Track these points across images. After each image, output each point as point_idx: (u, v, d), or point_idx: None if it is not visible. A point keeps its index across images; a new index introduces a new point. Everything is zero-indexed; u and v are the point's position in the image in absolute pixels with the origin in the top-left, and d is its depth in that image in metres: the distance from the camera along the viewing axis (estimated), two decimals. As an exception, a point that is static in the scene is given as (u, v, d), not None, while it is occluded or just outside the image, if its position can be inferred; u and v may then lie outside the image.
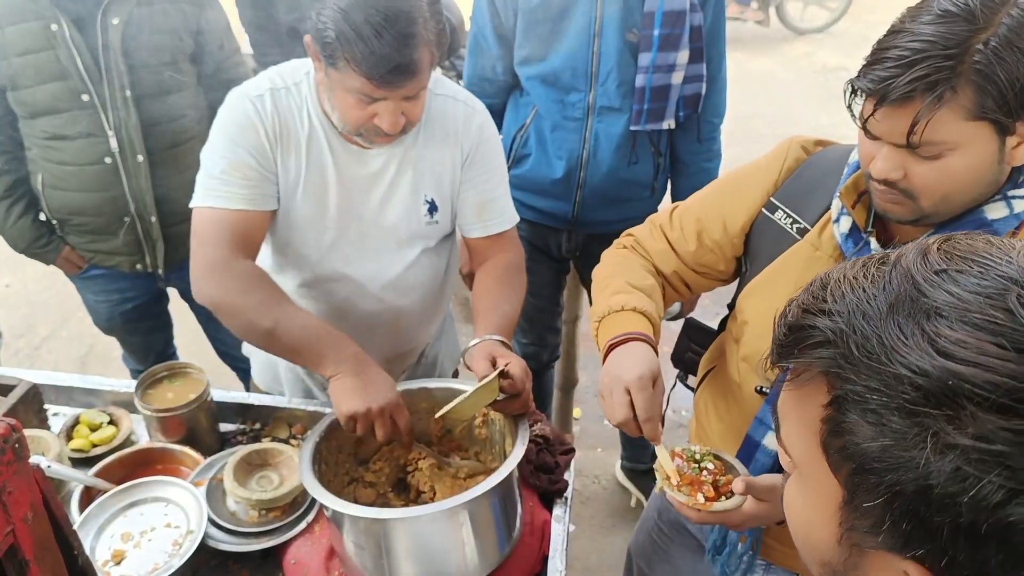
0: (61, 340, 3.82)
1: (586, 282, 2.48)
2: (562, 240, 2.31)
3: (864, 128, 1.07)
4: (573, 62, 2.01)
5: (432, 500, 1.44)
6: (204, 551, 1.36)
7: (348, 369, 1.40)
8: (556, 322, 2.63)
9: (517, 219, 1.75)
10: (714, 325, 1.62)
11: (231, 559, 1.39)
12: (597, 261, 2.33)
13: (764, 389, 1.30)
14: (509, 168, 2.21)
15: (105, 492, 1.42)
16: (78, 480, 1.44)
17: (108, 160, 2.10)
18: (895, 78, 0.97)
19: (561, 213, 2.22)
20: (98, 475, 1.46)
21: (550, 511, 1.48)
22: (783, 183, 1.34)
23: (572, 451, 1.56)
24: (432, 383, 1.56)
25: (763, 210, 1.34)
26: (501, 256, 1.72)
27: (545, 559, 1.39)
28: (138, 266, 2.28)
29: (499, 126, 2.25)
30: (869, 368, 0.48)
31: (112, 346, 3.73)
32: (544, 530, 1.43)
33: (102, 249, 2.26)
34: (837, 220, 1.22)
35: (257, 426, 1.69)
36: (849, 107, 1.07)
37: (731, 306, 1.45)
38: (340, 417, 1.38)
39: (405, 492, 1.51)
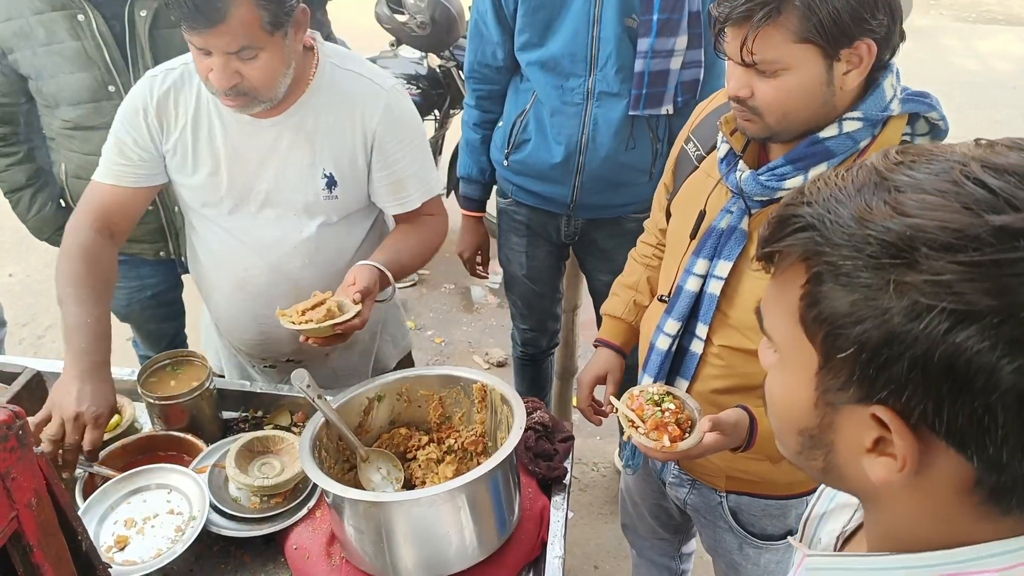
0: (64, 329, 3.83)
1: (585, 269, 2.49)
2: (561, 225, 2.31)
3: (722, 50, 1.22)
4: (572, 48, 2.00)
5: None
6: (206, 537, 1.38)
7: (75, 373, 1.43)
8: (555, 308, 2.63)
9: (437, 191, 1.78)
10: None
11: (233, 545, 1.41)
12: (596, 246, 2.36)
13: (664, 298, 1.48)
14: (509, 153, 2.21)
15: (108, 479, 1.43)
16: (81, 467, 1.45)
17: None
18: (738, 3, 1.14)
19: (560, 198, 2.22)
20: (101, 462, 1.47)
21: (549, 498, 1.49)
22: (700, 120, 1.50)
23: (571, 439, 1.57)
24: (430, 370, 1.58)
25: (684, 144, 1.53)
26: (421, 217, 1.77)
27: (544, 545, 1.41)
28: (161, 253, 2.30)
29: (500, 111, 2.25)
30: (841, 238, 0.55)
31: (114, 335, 3.74)
32: (543, 516, 1.45)
33: None
34: (718, 146, 1.37)
35: (259, 414, 1.70)
36: (715, 35, 1.22)
37: None
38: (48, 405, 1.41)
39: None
